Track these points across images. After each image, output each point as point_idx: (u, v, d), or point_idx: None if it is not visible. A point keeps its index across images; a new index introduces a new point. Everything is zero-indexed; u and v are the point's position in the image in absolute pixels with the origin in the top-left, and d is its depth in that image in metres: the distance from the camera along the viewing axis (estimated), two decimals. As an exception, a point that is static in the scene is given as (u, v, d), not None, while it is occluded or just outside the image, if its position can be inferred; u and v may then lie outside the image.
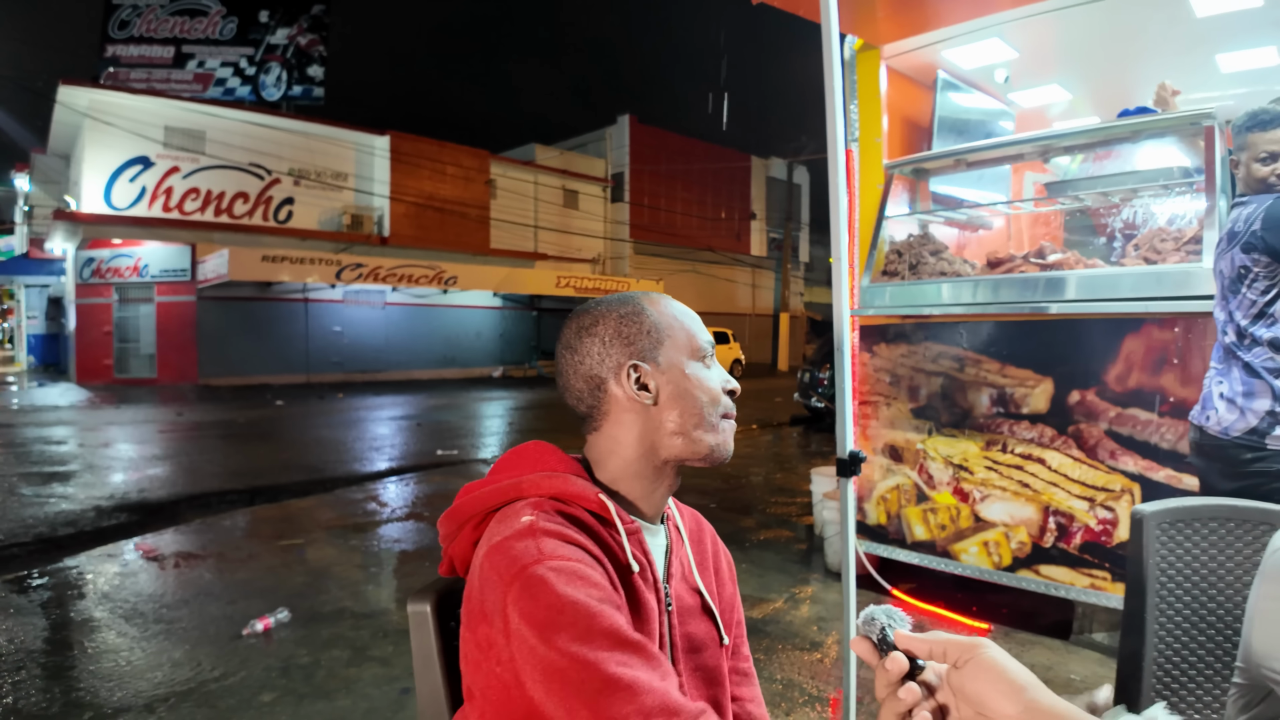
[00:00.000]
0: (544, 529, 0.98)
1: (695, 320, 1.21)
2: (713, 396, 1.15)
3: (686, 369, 1.15)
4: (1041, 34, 4.60)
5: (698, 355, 1.17)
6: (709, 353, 1.19)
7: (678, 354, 1.16)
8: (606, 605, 0.91)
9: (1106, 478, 3.64)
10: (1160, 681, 1.78)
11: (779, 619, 4.24)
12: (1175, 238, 3.52)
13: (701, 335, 1.19)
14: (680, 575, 1.20)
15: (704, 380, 1.16)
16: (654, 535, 1.18)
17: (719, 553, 1.34)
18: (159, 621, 4.26)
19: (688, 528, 1.29)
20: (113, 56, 24.31)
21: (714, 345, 1.21)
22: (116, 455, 10.19)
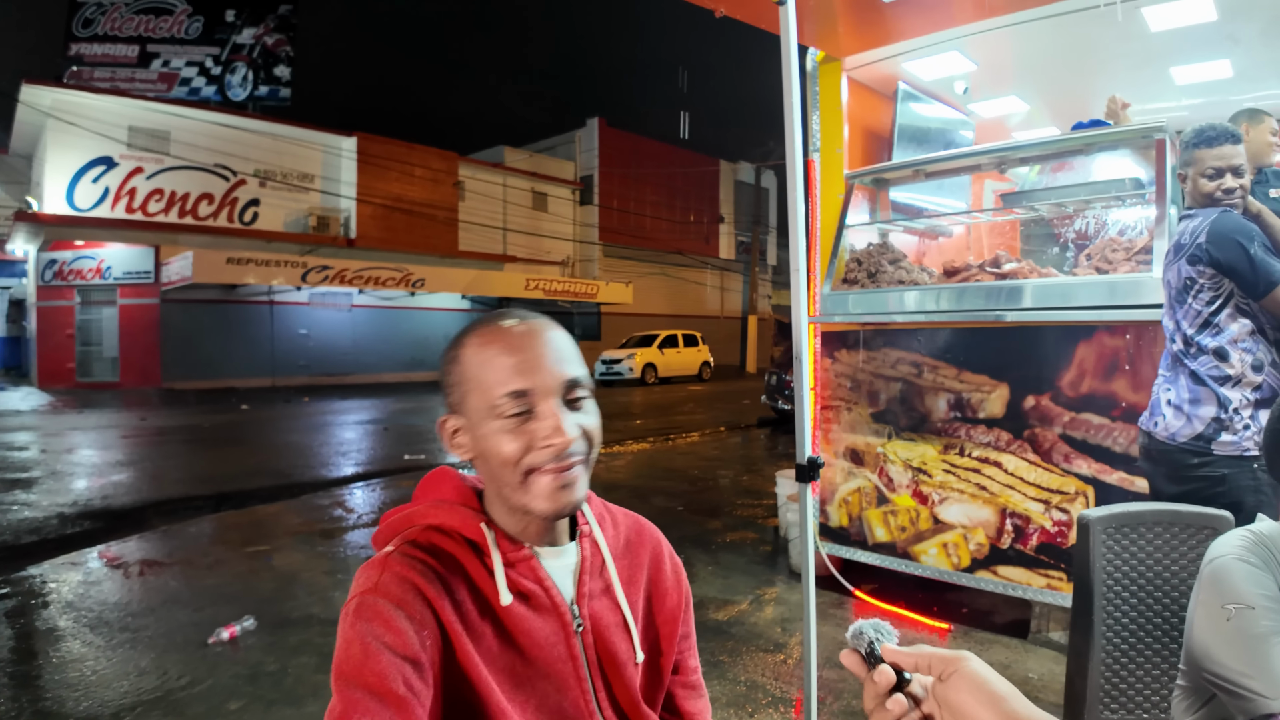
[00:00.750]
0: (395, 562, 1.04)
1: (504, 367, 1.05)
2: (504, 460, 1.05)
3: (480, 429, 1.07)
4: (999, 47, 4.70)
5: (495, 414, 1.05)
6: (510, 410, 1.04)
7: (479, 411, 1.07)
8: (388, 653, 0.94)
9: (1061, 480, 3.73)
10: (1107, 680, 1.85)
11: (743, 620, 4.30)
12: (1126, 248, 3.63)
13: (498, 389, 1.04)
14: (600, 592, 1.17)
15: (498, 446, 1.05)
16: (559, 557, 1.15)
17: (659, 563, 1.29)
18: (125, 630, 4.21)
19: (618, 539, 1.26)
20: (76, 55, 23.94)
21: (533, 392, 1.05)
22: (80, 461, 10.03)
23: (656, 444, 11.84)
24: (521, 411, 1.05)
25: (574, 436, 1.05)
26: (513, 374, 1.05)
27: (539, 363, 1.06)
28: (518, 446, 1.05)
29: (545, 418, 1.05)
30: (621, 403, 19.26)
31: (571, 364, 1.09)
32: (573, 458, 1.06)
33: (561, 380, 1.07)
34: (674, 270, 34.41)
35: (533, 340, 1.08)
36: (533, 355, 1.07)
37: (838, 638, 3.97)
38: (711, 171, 36.71)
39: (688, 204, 35.46)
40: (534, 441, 1.05)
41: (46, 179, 20.42)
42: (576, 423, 1.07)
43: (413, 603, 1.00)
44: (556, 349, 1.09)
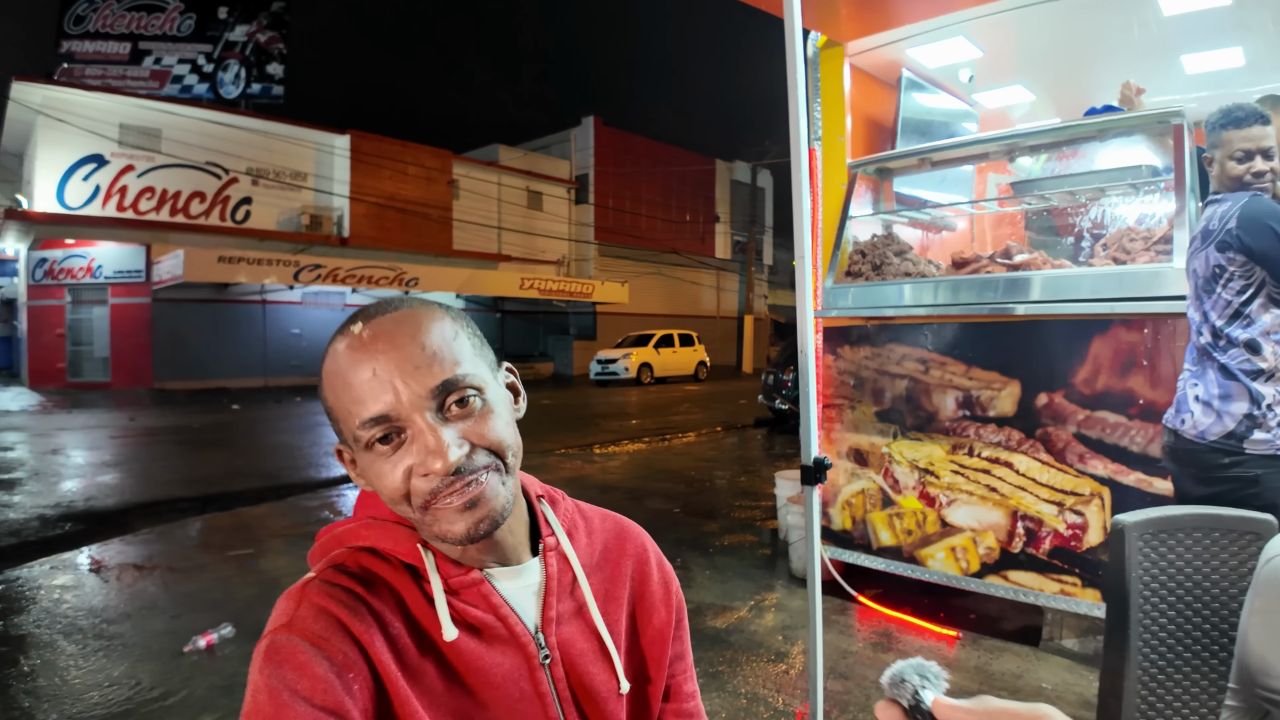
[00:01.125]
0: (314, 592, 0.88)
1: (353, 391, 0.86)
2: (390, 496, 0.88)
3: (361, 460, 0.90)
4: (1006, 33, 4.55)
5: (363, 445, 0.87)
6: (375, 437, 0.86)
7: (353, 442, 0.90)
8: (303, 704, 0.79)
9: (1075, 481, 3.58)
10: (1145, 701, 1.70)
11: (743, 628, 4.14)
12: (1145, 237, 3.47)
13: (354, 419, 0.86)
14: (572, 614, 1.01)
15: (379, 480, 0.88)
16: (517, 577, 0.98)
17: (645, 573, 1.12)
18: (99, 637, 4.09)
19: (593, 548, 1.08)
20: (67, 52, 23.71)
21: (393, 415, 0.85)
22: (65, 462, 9.88)
23: (652, 444, 11.71)
24: (389, 435, 0.87)
25: (458, 455, 0.85)
26: (363, 398, 0.86)
27: (390, 376, 0.85)
28: (398, 477, 0.87)
29: (417, 438, 0.86)
30: (617, 403, 19.12)
31: (438, 363, 0.87)
32: (469, 474, 0.87)
33: (427, 388, 0.86)
34: (670, 270, 34.28)
35: (377, 350, 0.87)
36: (381, 369, 0.86)
37: (841, 645, 3.82)
38: (707, 171, 36.57)
39: (684, 203, 35.32)
40: (414, 469, 0.86)
41: (37, 177, 20.19)
42: (460, 434, 0.87)
43: (335, 641, 0.83)
44: (413, 352, 0.87)
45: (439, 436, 0.84)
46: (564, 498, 1.10)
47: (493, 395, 0.91)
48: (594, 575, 1.05)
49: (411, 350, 0.86)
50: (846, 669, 3.60)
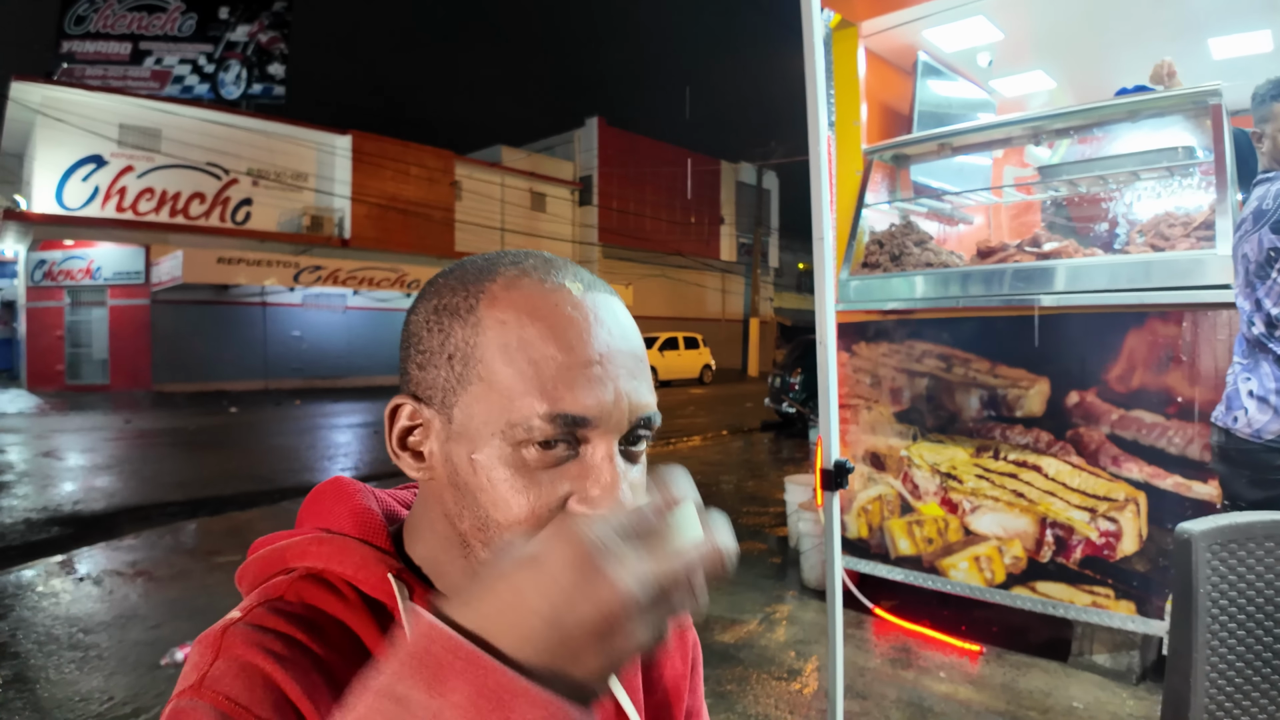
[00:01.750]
0: (236, 640, 0.63)
1: (555, 366, 0.61)
2: (506, 515, 0.62)
3: (472, 445, 0.63)
4: (1027, 12, 4.35)
5: (511, 436, 0.61)
6: (542, 437, 0.61)
7: (480, 419, 0.63)
8: None
9: (1109, 486, 3.34)
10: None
11: (753, 643, 3.90)
12: (1184, 223, 3.24)
13: (535, 402, 0.61)
14: None
15: (501, 491, 0.62)
16: None
17: None
18: (74, 648, 3.94)
19: None
20: (68, 52, 23.57)
21: (594, 425, 0.61)
22: (57, 465, 9.72)
23: (657, 448, 11.50)
24: (558, 443, 0.62)
25: (630, 504, 0.59)
26: (568, 384, 0.61)
27: (616, 374, 0.63)
28: (536, 505, 0.62)
29: (597, 468, 0.62)
30: (621, 405, 18.89)
31: (647, 384, 0.66)
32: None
33: (637, 415, 0.64)
34: (674, 272, 34.09)
35: (603, 329, 0.64)
36: (608, 358, 0.63)
37: (857, 662, 3.59)
38: (712, 172, 36.38)
39: (688, 205, 35.13)
40: (570, 501, 0.62)
41: (36, 177, 20.02)
42: (632, 483, 0.64)
43: (259, 707, 0.59)
44: (637, 357, 0.65)
45: (618, 473, 0.62)
46: None
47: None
48: None
49: (635, 348, 0.65)
50: (864, 687, 3.37)
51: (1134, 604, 3.25)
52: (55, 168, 20.10)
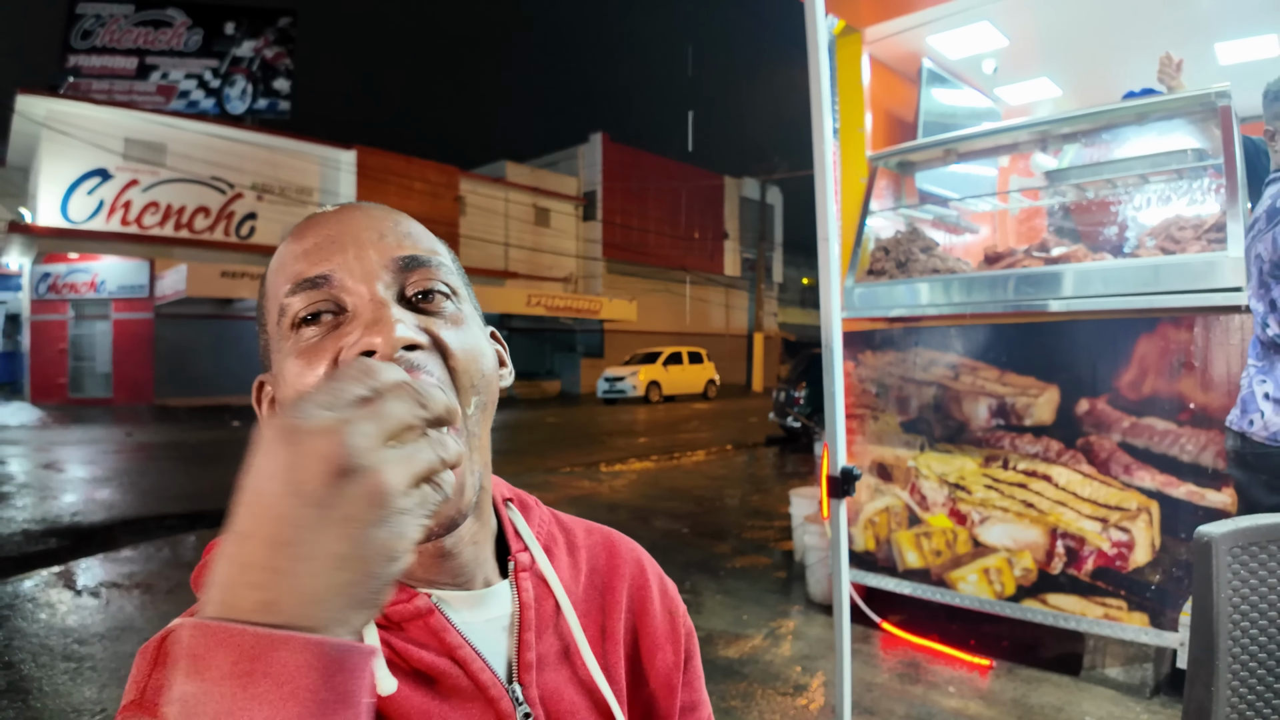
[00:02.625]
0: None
1: (293, 255, 0.65)
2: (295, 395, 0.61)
3: (277, 366, 0.65)
4: (1032, 17, 4.32)
5: (284, 330, 0.64)
6: (300, 311, 0.63)
7: (274, 338, 0.66)
8: None
9: (1121, 495, 3.26)
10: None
11: (758, 658, 3.82)
12: (1195, 225, 3.18)
13: (283, 288, 0.64)
14: (557, 657, 0.72)
15: (295, 375, 0.62)
16: (479, 606, 0.69)
17: (644, 599, 0.83)
18: (69, 659, 3.90)
19: (576, 569, 0.80)
20: (74, 67, 23.67)
21: (333, 279, 0.63)
22: (57, 477, 9.66)
23: (660, 462, 11.43)
24: (319, 313, 0.63)
25: (408, 333, 0.59)
26: (303, 259, 0.64)
27: (345, 240, 0.64)
28: (317, 371, 0.61)
29: (359, 311, 0.62)
30: (624, 421, 18.86)
31: (410, 240, 0.67)
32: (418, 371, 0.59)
33: (389, 255, 0.64)
34: (678, 287, 34.09)
35: (341, 216, 0.67)
36: (337, 232, 0.65)
37: (865, 677, 3.50)
38: (716, 187, 36.43)
39: (692, 220, 35.17)
40: (341, 355, 0.61)
41: (41, 191, 20.07)
42: (419, 325, 0.62)
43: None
44: (384, 223, 0.67)
45: (386, 308, 0.61)
46: (538, 504, 0.81)
47: (471, 315, 0.69)
48: (582, 605, 0.77)
49: (382, 221, 0.67)
50: (872, 703, 3.28)
51: (1147, 616, 3.18)
52: (60, 181, 20.16)
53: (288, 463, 0.42)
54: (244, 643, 0.40)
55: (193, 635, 0.42)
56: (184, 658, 0.42)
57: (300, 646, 0.41)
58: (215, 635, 0.41)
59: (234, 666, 0.40)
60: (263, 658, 0.40)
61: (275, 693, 0.40)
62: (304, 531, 0.42)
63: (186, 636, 0.42)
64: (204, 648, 0.41)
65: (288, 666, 0.41)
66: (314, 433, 0.43)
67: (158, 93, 24.29)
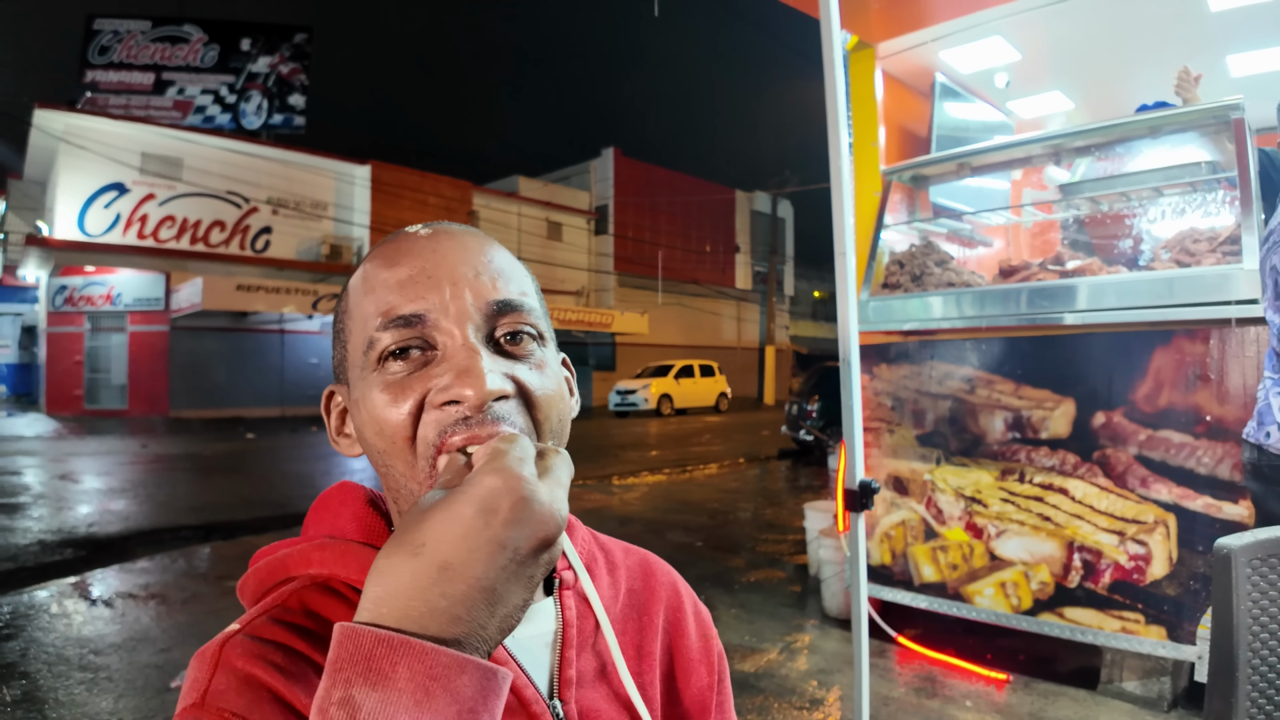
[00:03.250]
0: (236, 651, 0.60)
1: (386, 284, 0.65)
2: (381, 433, 0.64)
3: (356, 392, 0.67)
4: (1044, 31, 4.33)
5: (370, 362, 0.65)
6: (389, 346, 0.64)
7: (356, 364, 0.67)
8: None
9: (1137, 508, 3.26)
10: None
11: (773, 672, 3.82)
12: (1209, 238, 3.18)
13: (374, 318, 0.65)
14: (595, 675, 0.73)
15: (371, 409, 0.64)
16: (528, 622, 0.70)
17: (680, 621, 0.85)
18: (84, 669, 3.92)
19: (616, 589, 0.81)
20: (92, 82, 23.92)
21: (429, 318, 0.64)
22: (73, 488, 9.72)
23: (673, 476, 11.41)
24: (409, 349, 0.64)
25: (498, 385, 0.61)
26: (396, 291, 0.65)
27: (442, 276, 0.65)
28: (405, 409, 0.62)
29: (450, 355, 0.63)
30: (636, 434, 18.84)
31: (503, 280, 0.67)
32: (500, 424, 0.61)
33: (484, 299, 0.65)
34: (690, 300, 34.08)
35: (436, 246, 0.67)
36: (433, 266, 0.65)
37: (881, 691, 3.49)
38: (727, 201, 36.46)
39: (703, 233, 35.19)
40: (431, 397, 0.62)
41: (58, 204, 20.25)
42: (506, 372, 0.63)
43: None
44: (478, 258, 0.67)
45: (478, 357, 0.62)
46: (579, 524, 0.83)
47: (553, 357, 0.71)
48: (619, 623, 0.79)
49: (477, 256, 0.68)
50: (888, 717, 3.28)
51: (1165, 629, 3.16)
52: (78, 195, 20.33)
53: (511, 529, 0.50)
54: (435, 661, 0.46)
55: (377, 644, 0.46)
56: (362, 664, 0.46)
57: (478, 671, 0.47)
58: (405, 648, 0.46)
59: (418, 681, 0.45)
60: (447, 678, 0.46)
61: (448, 710, 0.46)
62: (507, 585, 0.50)
63: (371, 643, 0.46)
64: (389, 658, 0.45)
65: (466, 688, 0.46)
66: (542, 509, 0.52)
67: (174, 108, 24.50)
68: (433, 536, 0.49)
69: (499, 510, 0.50)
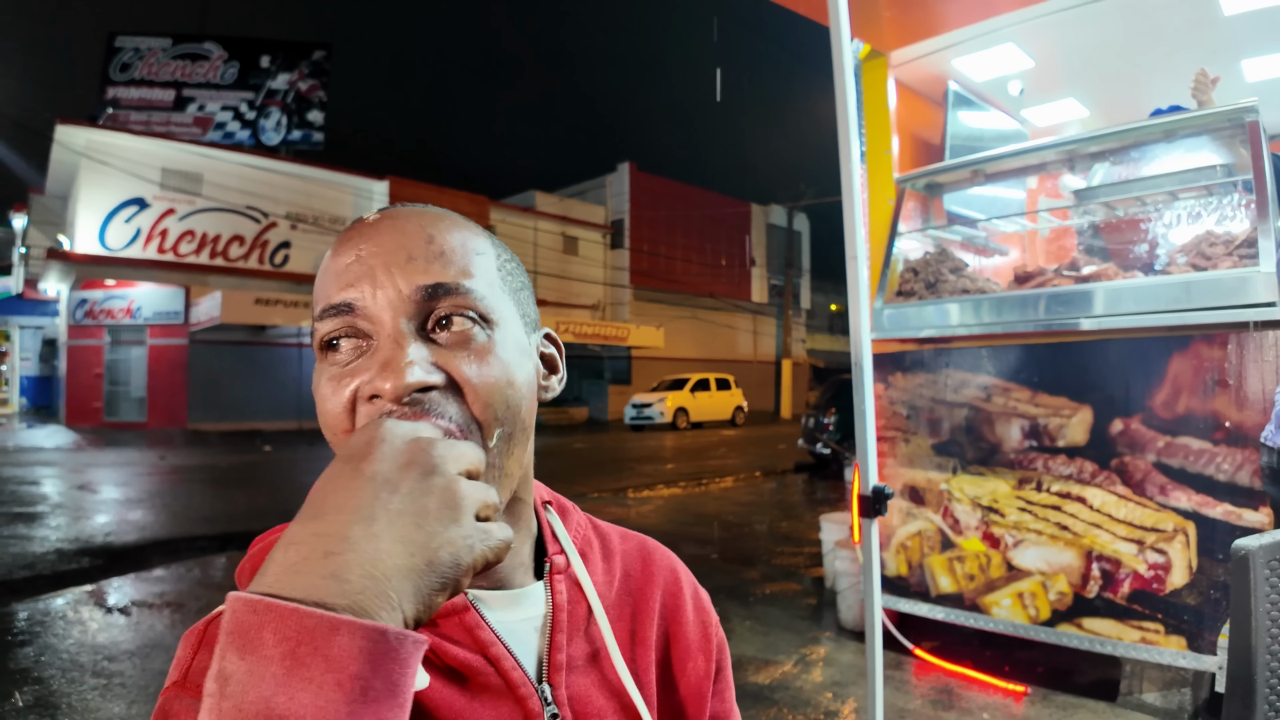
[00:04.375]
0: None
1: (330, 275, 0.65)
2: (332, 427, 0.63)
3: (316, 377, 0.66)
4: (1056, 38, 4.30)
5: (316, 349, 0.65)
6: (327, 334, 0.63)
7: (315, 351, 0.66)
8: None
9: (1156, 516, 3.21)
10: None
11: (788, 684, 3.78)
12: (1225, 241, 3.15)
13: (316, 309, 0.65)
14: (587, 660, 0.72)
15: (322, 399, 0.63)
16: (514, 606, 0.70)
17: (677, 607, 0.84)
18: (98, 675, 3.95)
19: (611, 574, 0.81)
20: (113, 98, 24.24)
21: (359, 307, 0.62)
22: (91, 498, 9.81)
23: (688, 489, 11.37)
24: (341, 338, 0.63)
25: (418, 377, 0.59)
26: (334, 280, 0.64)
27: (374, 262, 0.63)
28: (341, 402, 0.62)
29: (379, 348, 0.61)
30: (652, 447, 18.80)
31: (440, 263, 0.64)
32: (429, 416, 0.59)
33: (413, 284, 0.62)
34: (706, 314, 34.06)
35: (376, 233, 0.65)
36: (368, 252, 0.63)
37: (897, 704, 3.46)
38: (743, 214, 36.48)
39: (719, 247, 35.20)
40: (360, 391, 0.61)
41: (79, 218, 20.50)
42: (435, 360, 0.61)
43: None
44: (414, 242, 0.64)
45: (401, 349, 0.60)
46: (576, 509, 0.82)
47: (505, 339, 0.66)
48: (614, 609, 0.77)
49: (414, 239, 0.64)
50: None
51: (1184, 639, 3.11)
52: (99, 209, 20.57)
53: (373, 453, 0.49)
54: (303, 623, 0.41)
55: (245, 609, 0.42)
56: (233, 632, 0.42)
57: (358, 631, 0.42)
58: (270, 612, 0.42)
59: (286, 646, 0.41)
60: (319, 640, 0.41)
61: (325, 677, 0.41)
62: (380, 509, 0.46)
63: (239, 610, 0.43)
64: (255, 624, 0.42)
65: (343, 651, 0.42)
66: (401, 439, 0.51)
67: (194, 124, 24.79)
68: (312, 497, 0.49)
69: (361, 454, 0.50)
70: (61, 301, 22.94)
